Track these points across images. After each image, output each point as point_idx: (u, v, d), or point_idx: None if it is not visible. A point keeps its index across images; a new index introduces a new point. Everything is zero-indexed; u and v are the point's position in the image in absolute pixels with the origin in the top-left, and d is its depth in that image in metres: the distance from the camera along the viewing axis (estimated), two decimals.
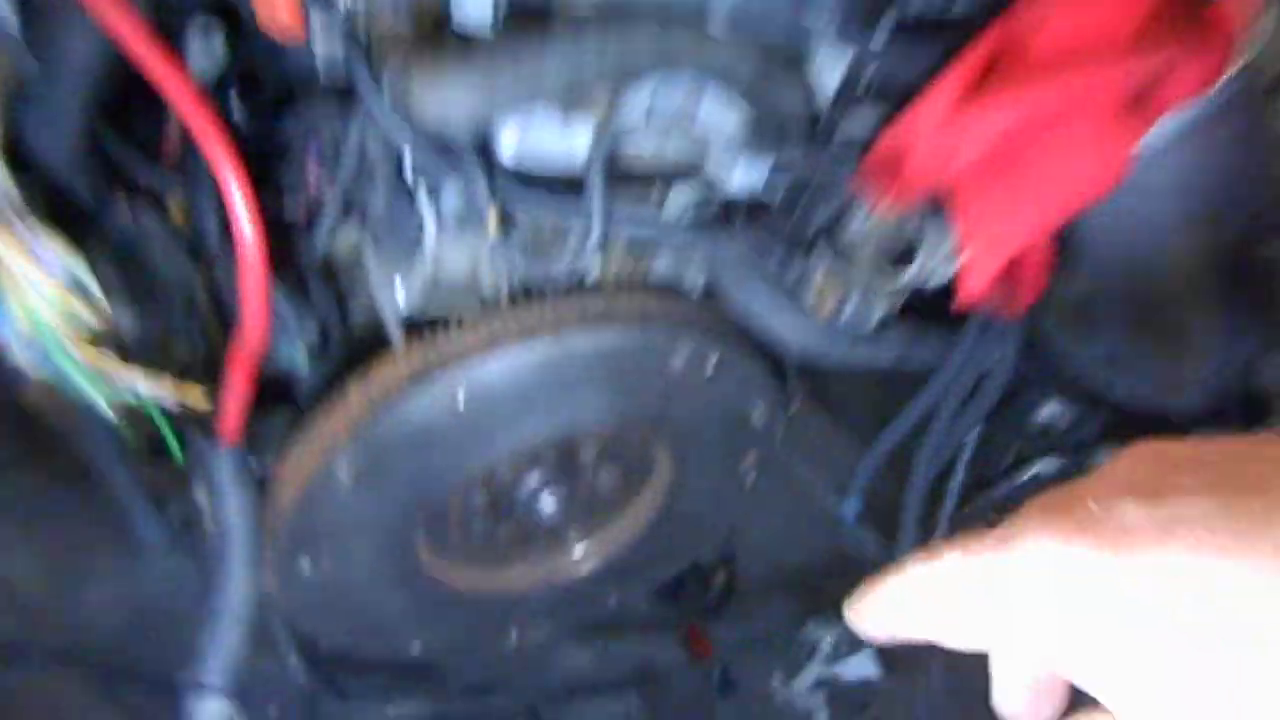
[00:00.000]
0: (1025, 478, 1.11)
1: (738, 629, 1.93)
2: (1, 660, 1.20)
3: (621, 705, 1.91)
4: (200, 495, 0.82)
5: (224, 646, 0.80)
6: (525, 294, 0.93)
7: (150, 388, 0.71)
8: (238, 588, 0.81)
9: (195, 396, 0.75)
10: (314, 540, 0.97)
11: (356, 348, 0.96)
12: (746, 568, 1.99)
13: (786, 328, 0.90)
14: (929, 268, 0.77)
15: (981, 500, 1.11)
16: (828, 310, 0.85)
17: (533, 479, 1.07)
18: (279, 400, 0.91)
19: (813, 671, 1.45)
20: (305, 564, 0.99)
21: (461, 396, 0.89)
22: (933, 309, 0.86)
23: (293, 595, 1.03)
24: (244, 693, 1.22)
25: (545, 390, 0.92)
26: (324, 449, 0.91)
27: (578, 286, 0.95)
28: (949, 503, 1.06)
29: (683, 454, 1.10)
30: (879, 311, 0.85)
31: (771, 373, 1.06)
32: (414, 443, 0.91)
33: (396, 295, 0.90)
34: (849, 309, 0.84)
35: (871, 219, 0.76)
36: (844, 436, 1.25)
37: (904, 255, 0.79)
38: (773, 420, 1.11)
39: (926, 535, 1.10)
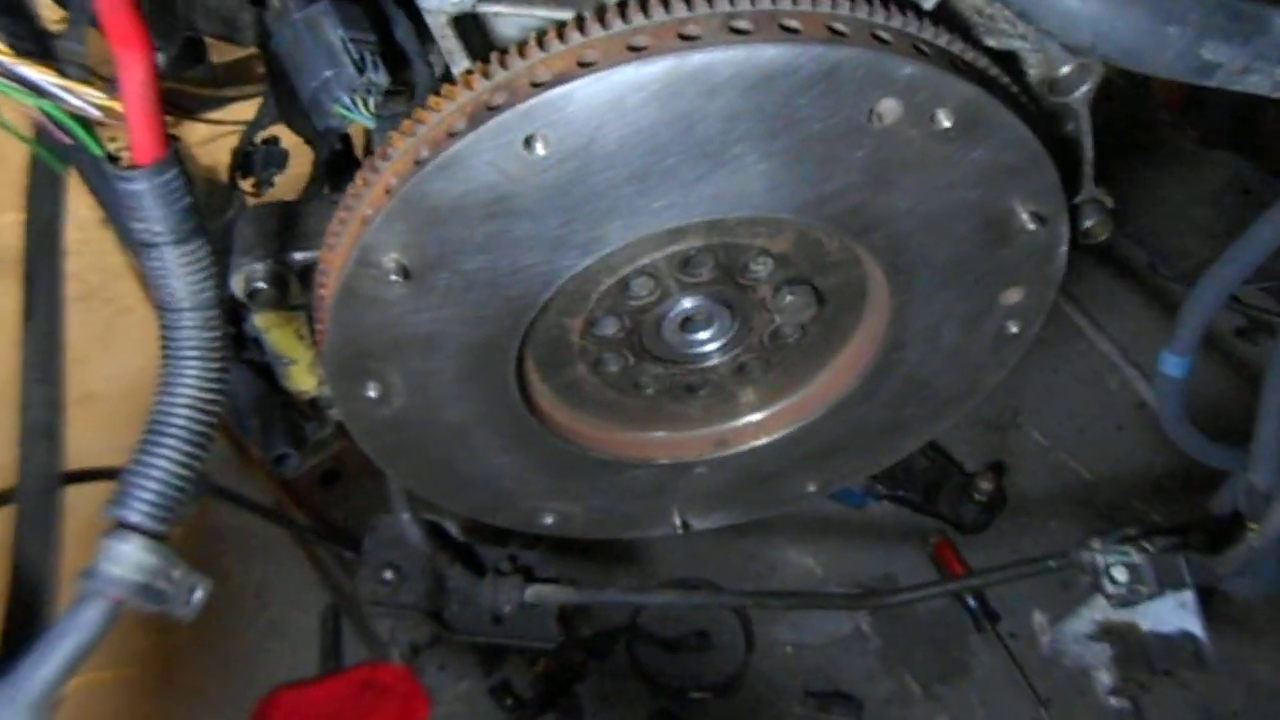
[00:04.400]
0: None
1: (999, 549, 1.60)
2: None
3: (850, 623, 1.64)
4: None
5: (157, 475, 0.57)
6: None
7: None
8: (185, 394, 0.57)
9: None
10: (371, 355, 0.72)
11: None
12: (1021, 475, 1.65)
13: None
14: None
15: None
16: None
17: (678, 299, 0.76)
18: None
19: (1091, 615, 1.03)
20: (370, 389, 0.75)
21: (541, 142, 0.59)
22: None
23: (363, 431, 0.79)
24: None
25: (672, 141, 0.60)
26: (363, 223, 0.65)
27: None
28: None
29: (903, 275, 0.74)
30: None
31: (1045, 150, 0.67)
32: (478, 214, 0.63)
33: None
34: None
35: None
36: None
37: None
38: (1050, 234, 0.72)
39: None
